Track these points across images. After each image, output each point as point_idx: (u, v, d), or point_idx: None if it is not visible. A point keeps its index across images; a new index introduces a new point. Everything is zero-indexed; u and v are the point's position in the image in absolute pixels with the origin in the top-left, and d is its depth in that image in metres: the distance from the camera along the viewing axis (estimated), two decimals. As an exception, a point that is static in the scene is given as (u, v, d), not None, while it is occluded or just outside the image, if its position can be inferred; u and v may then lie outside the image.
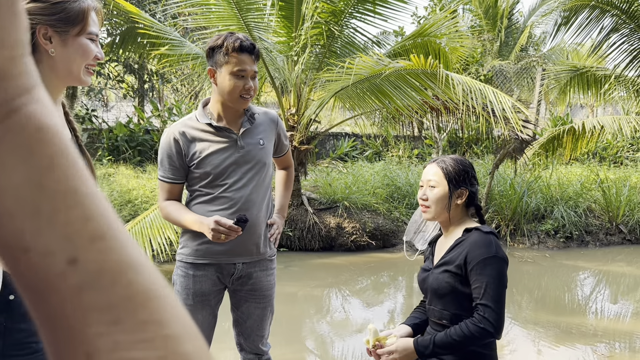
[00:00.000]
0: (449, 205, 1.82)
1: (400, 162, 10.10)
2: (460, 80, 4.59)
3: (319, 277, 5.95)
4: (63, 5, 1.39)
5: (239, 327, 2.32)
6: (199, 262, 2.16)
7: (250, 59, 2.06)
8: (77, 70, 1.45)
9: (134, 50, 7.54)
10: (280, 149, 2.35)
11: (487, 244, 1.72)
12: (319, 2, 5.59)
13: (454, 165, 1.84)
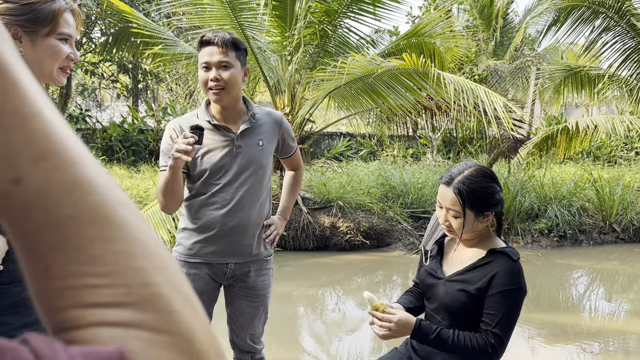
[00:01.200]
0: (475, 229, 1.72)
1: (395, 162, 10.11)
2: (452, 79, 4.59)
3: (313, 277, 5.94)
4: (32, 6, 1.40)
5: (231, 323, 2.32)
6: (192, 260, 2.16)
7: (216, 50, 2.03)
8: (48, 70, 1.46)
9: (128, 49, 7.52)
10: (285, 151, 2.32)
11: (516, 274, 1.65)
12: (312, 2, 5.59)
13: (474, 191, 1.65)
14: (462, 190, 1.67)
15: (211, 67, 2.04)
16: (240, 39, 2.14)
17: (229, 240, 2.13)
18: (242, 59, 2.11)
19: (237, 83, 2.08)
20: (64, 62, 1.47)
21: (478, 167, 1.74)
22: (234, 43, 2.06)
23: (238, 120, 2.15)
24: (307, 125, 6.69)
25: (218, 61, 2.03)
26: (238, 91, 2.12)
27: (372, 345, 4.09)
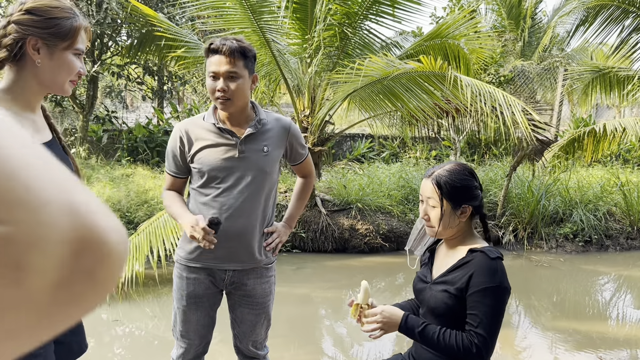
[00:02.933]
0: (452, 223, 1.74)
1: (417, 164, 10.03)
2: (469, 82, 4.53)
3: (332, 279, 5.93)
4: (56, 21, 1.46)
5: (234, 329, 2.32)
6: (192, 265, 2.17)
7: (224, 60, 2.01)
8: (61, 82, 1.53)
9: (152, 52, 7.65)
10: (294, 157, 2.29)
11: (493, 271, 1.65)
12: (332, 4, 5.59)
13: (451, 182, 1.72)
14: (440, 181, 1.73)
15: (219, 77, 2.03)
16: (250, 44, 2.12)
17: (229, 246, 2.12)
18: (250, 67, 2.09)
19: (244, 93, 2.08)
20: (74, 77, 1.54)
21: (459, 163, 1.81)
22: (242, 52, 2.04)
23: (244, 125, 2.14)
24: (327, 128, 6.69)
25: (226, 71, 2.02)
26: (245, 100, 2.11)
27: (392, 347, 4.07)
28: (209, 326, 2.27)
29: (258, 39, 5.77)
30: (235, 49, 2.02)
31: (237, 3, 5.52)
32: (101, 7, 7.75)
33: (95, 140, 9.20)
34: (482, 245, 1.76)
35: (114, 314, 4.49)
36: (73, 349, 1.72)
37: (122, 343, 4.10)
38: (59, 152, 1.62)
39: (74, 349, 1.72)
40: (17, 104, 1.49)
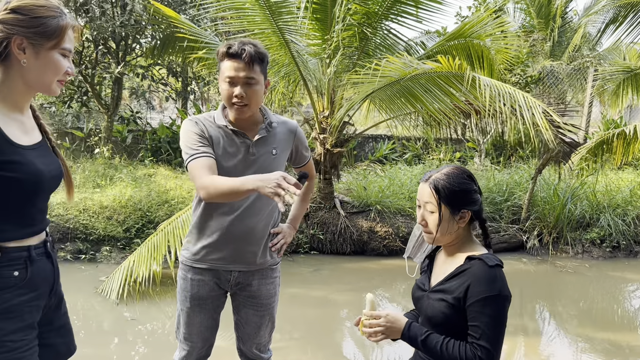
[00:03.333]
0: (451, 229, 1.69)
1: (440, 165, 9.90)
2: (487, 82, 4.42)
3: (350, 281, 5.88)
4: (41, 20, 1.44)
5: (238, 331, 2.31)
6: (197, 266, 2.16)
7: (241, 65, 1.97)
8: (47, 82, 1.51)
9: (175, 54, 7.72)
10: (299, 160, 2.30)
11: (491, 279, 1.58)
12: (351, 4, 5.54)
13: (449, 186, 1.66)
14: (438, 185, 1.67)
15: (236, 83, 1.99)
16: (265, 48, 2.09)
17: (234, 247, 2.12)
18: (264, 72, 2.07)
19: (260, 98, 2.06)
20: (62, 77, 1.52)
21: (457, 166, 1.75)
22: (260, 57, 2.00)
23: (254, 128, 2.13)
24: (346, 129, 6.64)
25: (244, 77, 1.98)
26: (259, 105, 2.10)
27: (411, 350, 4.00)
28: (212, 329, 2.25)
29: (277, 39, 5.77)
30: (254, 54, 1.98)
31: (256, 4, 5.52)
32: (125, 9, 7.86)
33: (119, 141, 9.34)
34: (481, 252, 1.70)
35: (131, 313, 4.53)
36: (60, 351, 1.71)
37: (138, 341, 4.12)
38: (48, 153, 1.61)
39: (61, 350, 1.72)
40: (5, 105, 1.48)
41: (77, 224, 5.99)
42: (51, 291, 1.63)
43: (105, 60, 8.77)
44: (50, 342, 1.66)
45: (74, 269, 5.62)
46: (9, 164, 1.42)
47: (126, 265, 4.87)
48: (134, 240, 6.04)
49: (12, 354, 1.44)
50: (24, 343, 1.48)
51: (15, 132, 1.48)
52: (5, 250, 1.47)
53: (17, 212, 1.49)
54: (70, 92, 9.19)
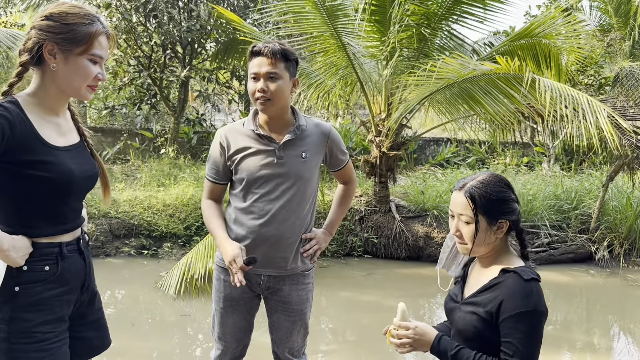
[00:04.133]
0: (488, 240, 1.60)
1: (506, 171, 9.54)
2: (548, 85, 4.20)
3: (404, 287, 5.78)
4: (71, 27, 1.51)
5: (272, 334, 2.31)
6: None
7: (265, 61, 2.02)
8: (77, 87, 1.56)
9: (237, 57, 7.93)
10: (334, 163, 2.27)
11: (526, 294, 1.49)
12: (409, 5, 5.45)
13: (486, 194, 1.57)
14: (474, 194, 1.58)
15: (259, 78, 2.04)
16: (292, 48, 2.12)
17: (264, 252, 2.12)
18: (291, 70, 2.08)
19: (284, 94, 2.07)
20: (92, 82, 1.57)
21: (493, 174, 1.65)
22: (284, 54, 2.04)
23: (283, 131, 2.13)
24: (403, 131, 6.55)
25: (266, 72, 2.02)
26: (285, 102, 2.10)
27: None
28: (246, 330, 2.27)
29: (334, 42, 5.78)
30: (276, 50, 2.02)
31: (314, 7, 5.55)
32: (191, 14, 8.15)
33: (185, 141, 9.69)
34: (517, 264, 1.60)
35: (186, 308, 4.68)
36: (94, 345, 1.77)
37: (188, 337, 4.25)
38: (84, 154, 1.68)
39: (95, 344, 1.78)
40: (41, 108, 1.56)
41: (142, 221, 6.27)
42: (82, 287, 1.69)
43: (173, 64, 9.13)
44: (83, 335, 1.72)
45: (137, 264, 5.88)
46: (42, 164, 1.49)
47: (184, 261, 5.03)
48: (193, 238, 6.24)
49: (41, 345, 1.51)
50: (53, 335, 1.55)
51: (50, 133, 1.55)
52: (37, 246, 1.55)
53: (49, 210, 1.56)
54: (141, 94, 9.64)
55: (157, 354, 3.85)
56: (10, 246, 1.46)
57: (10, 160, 1.46)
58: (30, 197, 1.52)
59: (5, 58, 7.00)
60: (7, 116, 1.43)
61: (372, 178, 6.50)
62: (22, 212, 1.54)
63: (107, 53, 1.59)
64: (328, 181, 7.62)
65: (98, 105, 10.86)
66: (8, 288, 1.51)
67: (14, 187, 1.50)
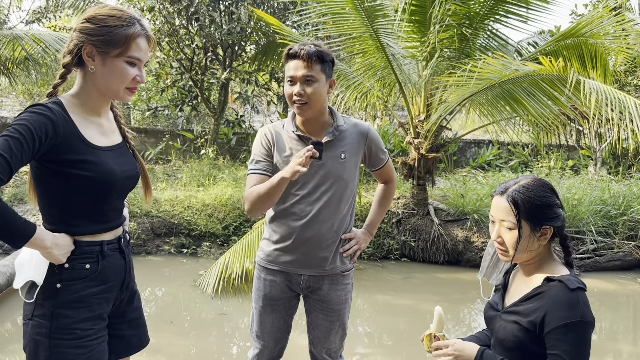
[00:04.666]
0: (531, 246, 1.54)
1: (550, 174, 9.26)
2: (594, 86, 4.05)
3: (443, 292, 5.68)
4: (109, 29, 1.53)
5: (310, 333, 2.32)
6: (269, 267, 2.21)
7: (300, 64, 2.01)
8: (115, 89, 1.58)
9: (277, 60, 7.99)
10: (374, 163, 2.27)
11: (572, 305, 1.44)
12: (450, 5, 5.36)
13: (530, 199, 1.52)
14: (517, 199, 1.52)
15: (296, 82, 2.04)
16: (328, 49, 2.11)
17: (304, 252, 2.13)
18: (327, 72, 2.08)
19: (321, 97, 2.07)
20: (131, 84, 1.59)
21: (537, 178, 1.59)
22: (320, 56, 2.03)
23: (322, 132, 2.13)
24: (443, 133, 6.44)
25: (302, 75, 2.02)
26: (322, 104, 2.10)
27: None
28: (284, 331, 2.28)
29: (373, 43, 5.75)
30: (312, 53, 2.02)
31: (353, 8, 5.53)
32: (232, 17, 8.27)
33: (224, 142, 9.83)
34: (562, 272, 1.55)
35: (224, 307, 4.73)
36: (132, 343, 1.80)
37: (224, 335, 4.30)
38: (125, 155, 1.71)
39: (134, 342, 1.81)
40: (84, 109, 1.60)
41: (182, 220, 6.39)
42: (122, 285, 1.72)
43: (214, 66, 9.27)
44: (122, 333, 1.75)
45: (177, 262, 6.00)
46: (84, 163, 1.53)
47: (222, 261, 5.10)
48: (231, 238, 6.32)
49: (80, 341, 1.55)
50: (92, 332, 1.58)
51: (92, 133, 1.59)
52: (79, 244, 1.58)
53: (90, 208, 1.60)
54: (182, 96, 9.84)
55: (195, 352, 3.91)
56: (53, 244, 1.50)
57: (54, 160, 1.50)
58: (72, 196, 1.55)
59: (54, 60, 7.26)
60: (50, 116, 1.47)
61: (410, 180, 6.43)
62: (64, 210, 1.58)
63: (146, 55, 1.60)
64: (365, 183, 7.58)
65: (141, 107, 11.15)
66: (50, 285, 1.55)
67: (57, 186, 1.54)
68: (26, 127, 1.42)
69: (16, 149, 1.39)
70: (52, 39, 6.79)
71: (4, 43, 6.87)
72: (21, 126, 1.42)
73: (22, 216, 1.45)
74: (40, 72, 9.07)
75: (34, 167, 1.55)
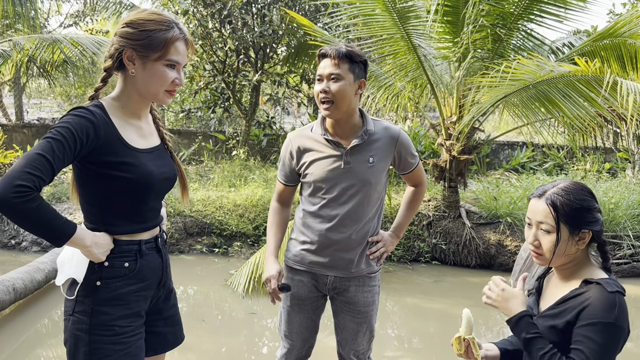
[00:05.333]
0: (569, 250, 1.52)
1: (586, 177, 9.03)
2: (632, 88, 3.93)
3: (474, 297, 5.59)
4: (148, 33, 1.57)
5: (337, 335, 2.33)
6: (296, 267, 2.23)
7: (329, 62, 2.03)
8: (154, 92, 1.62)
9: (307, 61, 8.02)
10: (404, 167, 2.26)
11: (609, 307, 1.42)
12: (484, 5, 5.29)
13: (569, 203, 1.50)
14: (556, 201, 1.50)
15: (323, 79, 2.05)
16: (361, 51, 2.11)
17: (330, 254, 2.15)
18: (356, 72, 2.07)
19: (347, 96, 2.06)
20: (170, 87, 1.62)
21: (575, 181, 1.57)
22: (349, 55, 2.04)
23: (351, 135, 2.13)
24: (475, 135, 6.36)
25: (329, 73, 2.03)
26: (349, 104, 2.09)
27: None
28: (312, 330, 2.30)
29: (405, 44, 5.72)
30: (341, 52, 2.03)
31: (385, 10, 5.52)
32: (264, 19, 8.34)
33: (255, 144, 9.92)
34: (600, 276, 1.52)
35: (253, 307, 4.78)
36: (168, 340, 1.84)
37: (254, 335, 4.34)
38: (164, 157, 1.75)
39: (170, 339, 1.84)
40: (124, 111, 1.65)
41: (213, 220, 6.48)
42: (159, 283, 1.76)
43: (246, 68, 9.38)
44: (158, 330, 1.80)
45: (209, 261, 6.09)
46: (124, 165, 1.57)
47: (253, 261, 5.15)
48: (262, 238, 6.37)
49: (119, 338, 1.59)
50: (130, 329, 1.62)
51: (132, 136, 1.64)
52: (118, 243, 1.63)
53: (129, 209, 1.64)
54: (215, 98, 9.98)
55: (225, 350, 3.97)
56: (93, 242, 1.55)
57: (95, 161, 1.55)
58: (112, 196, 1.60)
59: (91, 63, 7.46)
60: (91, 119, 1.52)
61: (441, 182, 6.36)
62: (104, 210, 1.62)
63: (184, 59, 1.63)
64: (395, 185, 7.54)
65: (175, 109, 11.34)
66: (90, 282, 1.60)
67: (97, 187, 1.59)
68: (68, 130, 1.47)
69: (58, 150, 1.43)
70: (89, 42, 6.98)
71: (44, 46, 7.10)
72: (63, 128, 1.47)
73: (62, 215, 1.50)
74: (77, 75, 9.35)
75: (76, 169, 1.60)
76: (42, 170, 1.40)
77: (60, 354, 3.75)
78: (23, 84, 11.72)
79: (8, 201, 1.35)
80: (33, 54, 7.14)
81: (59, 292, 4.78)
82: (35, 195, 1.39)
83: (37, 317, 4.41)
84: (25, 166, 1.38)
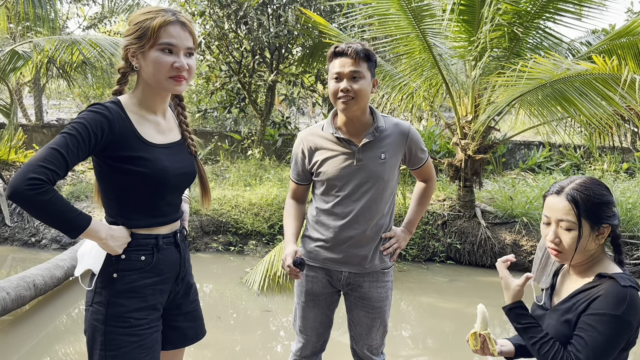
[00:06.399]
0: (589, 246, 1.52)
1: (604, 177, 8.92)
2: (651, 85, 3.88)
3: (489, 297, 5.57)
4: (140, 25, 1.61)
5: (351, 330, 2.35)
6: (311, 263, 2.25)
7: (347, 61, 2.04)
8: (158, 79, 1.63)
9: (322, 61, 8.03)
10: (414, 162, 2.28)
11: (619, 300, 1.42)
12: (501, 4, 5.27)
13: (589, 198, 1.49)
14: (577, 197, 1.49)
15: (342, 78, 2.07)
16: (373, 49, 2.14)
17: (344, 250, 2.17)
18: (372, 70, 2.11)
19: (366, 94, 2.09)
20: (172, 72, 1.62)
21: (590, 177, 1.57)
22: (366, 54, 2.07)
23: (362, 132, 2.15)
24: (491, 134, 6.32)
25: (350, 72, 2.05)
26: (366, 102, 2.12)
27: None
28: (326, 325, 2.32)
29: (420, 43, 5.71)
30: (360, 50, 2.05)
31: (400, 9, 5.52)
32: (279, 20, 8.38)
33: (270, 144, 9.97)
34: (614, 270, 1.52)
35: (268, 305, 4.81)
36: (188, 335, 1.86)
37: (269, 332, 4.37)
38: (181, 152, 1.77)
39: (189, 334, 1.86)
40: (141, 107, 1.68)
41: (229, 219, 6.54)
42: (177, 278, 1.78)
43: (261, 68, 9.43)
44: (178, 325, 1.82)
45: (224, 259, 6.14)
46: (139, 160, 1.60)
47: (268, 259, 5.19)
48: (276, 237, 6.41)
49: (133, 330, 1.62)
50: (145, 322, 1.65)
51: (149, 131, 1.67)
52: (135, 237, 1.66)
53: (146, 203, 1.68)
54: (231, 98, 10.05)
55: (241, 348, 4.00)
56: (108, 235, 1.58)
57: (111, 156, 1.59)
58: (129, 190, 1.63)
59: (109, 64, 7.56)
60: (106, 114, 1.56)
61: (456, 182, 6.34)
62: (122, 204, 1.66)
63: (181, 41, 1.62)
64: (410, 185, 7.53)
65: (191, 109, 11.44)
66: (107, 274, 1.64)
67: (115, 181, 1.63)
68: (83, 125, 1.51)
69: (72, 145, 1.48)
70: (108, 43, 7.08)
71: (63, 47, 7.21)
72: (78, 124, 1.51)
73: (77, 208, 1.53)
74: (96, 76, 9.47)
75: (95, 164, 1.64)
76: (55, 164, 1.44)
77: (79, 350, 3.82)
78: (43, 85, 11.90)
79: (22, 193, 1.39)
80: (53, 55, 7.26)
81: (78, 289, 4.88)
82: (48, 187, 1.42)
83: (57, 313, 4.50)
84: (40, 160, 1.43)
